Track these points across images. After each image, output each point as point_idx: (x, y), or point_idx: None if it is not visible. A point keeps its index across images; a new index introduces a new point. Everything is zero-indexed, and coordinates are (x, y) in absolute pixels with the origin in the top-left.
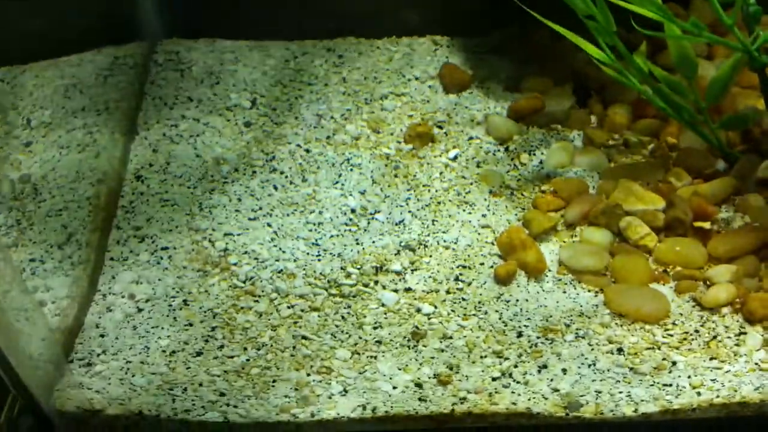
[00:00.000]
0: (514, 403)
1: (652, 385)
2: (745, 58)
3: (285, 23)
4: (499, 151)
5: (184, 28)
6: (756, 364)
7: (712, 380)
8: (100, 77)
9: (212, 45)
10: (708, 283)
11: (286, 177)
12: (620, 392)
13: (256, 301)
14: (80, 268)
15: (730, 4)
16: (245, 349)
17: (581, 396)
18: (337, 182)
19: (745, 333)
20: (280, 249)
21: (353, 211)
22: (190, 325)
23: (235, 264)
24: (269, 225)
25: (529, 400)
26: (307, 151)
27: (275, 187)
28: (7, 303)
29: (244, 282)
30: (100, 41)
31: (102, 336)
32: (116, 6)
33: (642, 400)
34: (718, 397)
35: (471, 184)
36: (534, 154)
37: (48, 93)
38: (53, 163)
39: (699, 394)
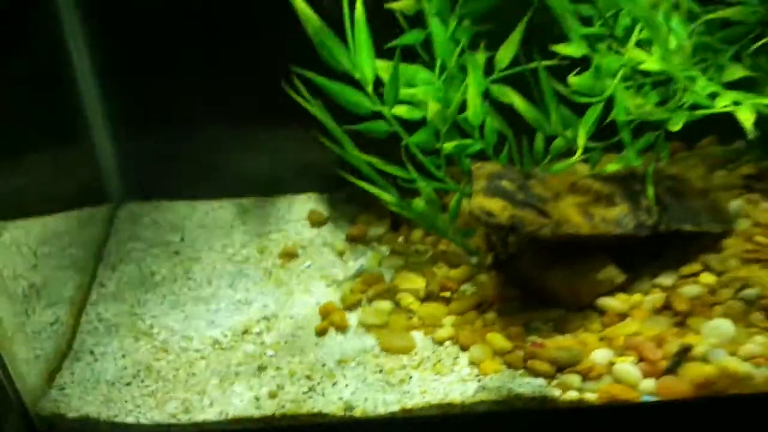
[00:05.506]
0: (313, 407)
1: (398, 392)
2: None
3: (206, 186)
4: (337, 261)
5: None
6: (461, 377)
7: (433, 388)
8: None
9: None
10: (441, 328)
11: (198, 282)
12: (378, 398)
13: (167, 353)
14: (60, 332)
15: None
16: (156, 381)
17: (356, 402)
18: (231, 285)
19: (458, 357)
20: (188, 325)
21: (239, 301)
22: (125, 368)
23: (156, 333)
24: (183, 311)
25: (323, 405)
26: (214, 267)
27: (189, 289)
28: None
29: (161, 343)
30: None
31: (72, 374)
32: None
33: (390, 403)
34: (434, 399)
35: (315, 280)
36: (357, 261)
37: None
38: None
39: (424, 397)
